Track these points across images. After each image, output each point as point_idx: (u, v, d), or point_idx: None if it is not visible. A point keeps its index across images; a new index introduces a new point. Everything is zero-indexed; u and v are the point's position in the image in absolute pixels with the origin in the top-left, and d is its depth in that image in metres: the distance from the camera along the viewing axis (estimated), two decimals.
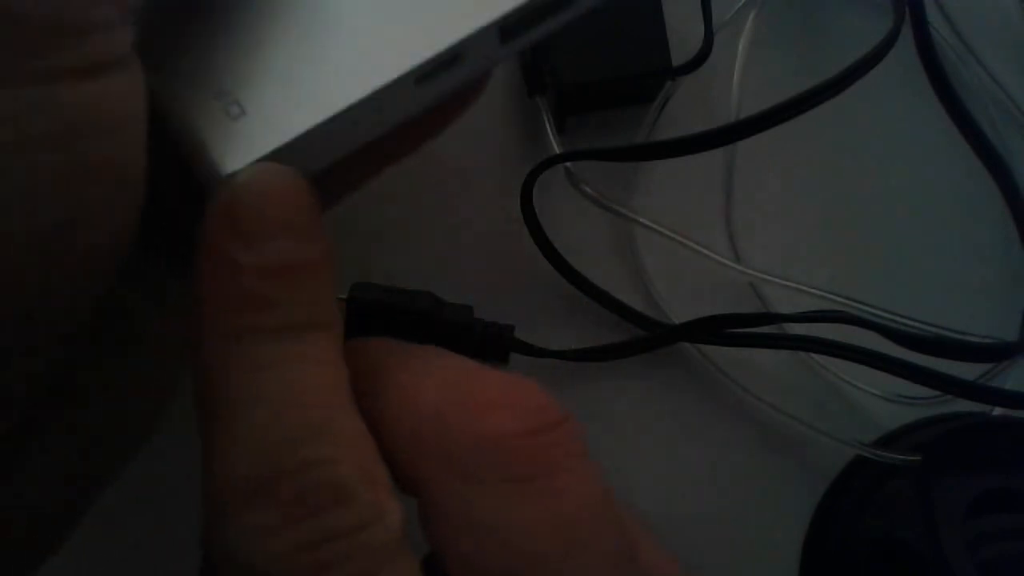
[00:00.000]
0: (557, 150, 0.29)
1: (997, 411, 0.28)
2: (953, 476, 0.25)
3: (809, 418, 0.28)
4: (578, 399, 0.28)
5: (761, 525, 0.28)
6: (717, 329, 0.28)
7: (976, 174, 0.30)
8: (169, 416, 0.28)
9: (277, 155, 0.17)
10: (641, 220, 0.29)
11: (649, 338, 0.28)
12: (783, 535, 0.28)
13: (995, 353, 0.27)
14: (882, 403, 0.29)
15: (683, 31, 0.29)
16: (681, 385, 0.29)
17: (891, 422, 0.29)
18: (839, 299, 0.27)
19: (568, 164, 0.29)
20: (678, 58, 0.29)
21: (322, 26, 0.18)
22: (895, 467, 0.27)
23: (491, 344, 0.28)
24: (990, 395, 0.27)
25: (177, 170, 0.17)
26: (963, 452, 0.26)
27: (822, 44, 0.33)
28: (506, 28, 0.18)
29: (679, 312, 0.29)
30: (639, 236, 0.30)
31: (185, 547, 0.19)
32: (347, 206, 0.30)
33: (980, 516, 0.24)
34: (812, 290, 0.27)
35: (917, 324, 0.26)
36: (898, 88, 0.32)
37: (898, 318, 0.26)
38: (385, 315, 0.27)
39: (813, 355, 0.29)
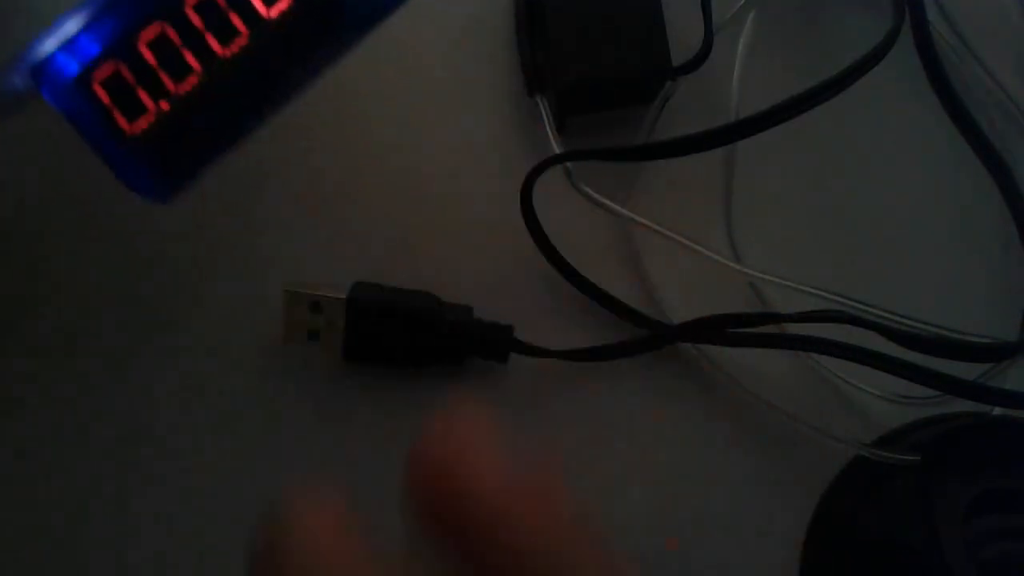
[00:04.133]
0: (557, 150, 0.29)
1: (997, 411, 0.28)
2: (953, 476, 0.24)
3: (809, 418, 0.28)
4: (578, 399, 0.28)
5: (761, 525, 0.28)
6: (717, 329, 0.28)
7: (976, 174, 0.30)
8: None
9: None
10: (641, 220, 0.29)
11: (649, 338, 0.28)
12: (783, 535, 0.28)
13: (995, 353, 0.27)
14: (882, 403, 0.29)
15: (683, 31, 0.29)
16: (681, 385, 0.29)
17: (891, 422, 0.29)
18: (839, 299, 0.27)
19: (568, 164, 0.29)
20: (678, 58, 0.29)
21: None
22: (895, 467, 0.27)
23: (491, 344, 0.28)
24: (990, 395, 0.27)
25: None
26: (963, 452, 0.26)
27: (822, 44, 0.33)
28: None
29: (679, 312, 0.29)
30: (639, 236, 0.30)
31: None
32: (346, 206, 0.30)
33: (980, 516, 0.24)
34: (812, 290, 0.27)
35: (917, 324, 0.26)
36: (898, 88, 0.32)
37: (898, 318, 0.26)
38: (385, 315, 0.27)
39: (813, 355, 0.29)
